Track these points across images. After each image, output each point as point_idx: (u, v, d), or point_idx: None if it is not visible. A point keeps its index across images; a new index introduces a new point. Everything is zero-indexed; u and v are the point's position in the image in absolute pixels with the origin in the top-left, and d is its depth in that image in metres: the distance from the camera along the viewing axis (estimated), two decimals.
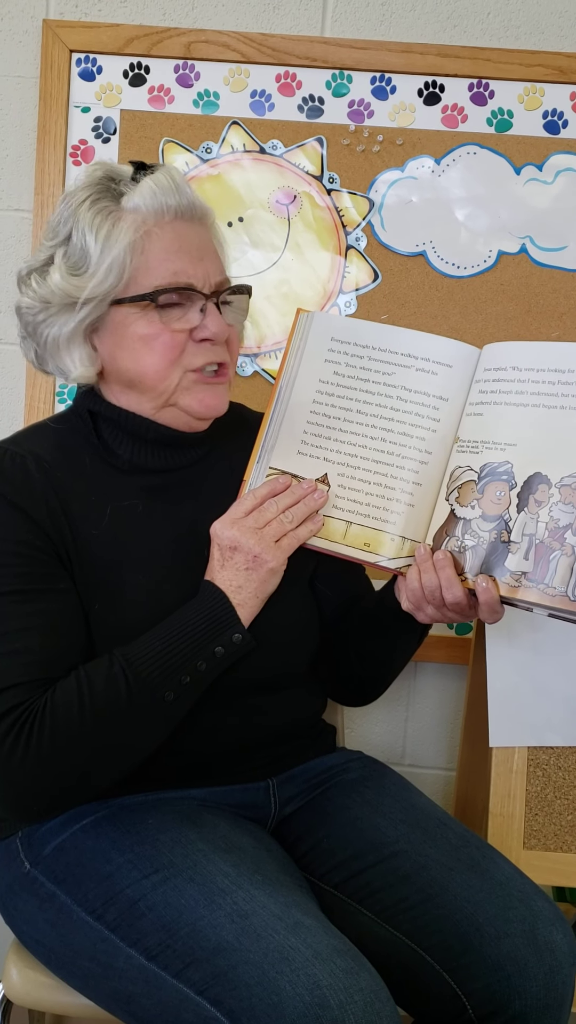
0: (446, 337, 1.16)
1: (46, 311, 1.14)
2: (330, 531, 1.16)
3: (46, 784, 1.04)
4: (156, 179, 1.12)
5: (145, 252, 1.11)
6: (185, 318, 1.13)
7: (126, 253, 1.10)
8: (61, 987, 1.13)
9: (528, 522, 1.06)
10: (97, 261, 1.10)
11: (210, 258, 1.16)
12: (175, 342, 1.13)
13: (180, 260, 1.12)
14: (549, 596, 1.03)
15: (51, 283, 1.12)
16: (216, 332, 1.13)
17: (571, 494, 1.04)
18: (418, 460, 1.14)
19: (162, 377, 1.13)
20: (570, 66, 1.62)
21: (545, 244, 1.65)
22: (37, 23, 1.66)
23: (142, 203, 1.11)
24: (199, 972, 0.95)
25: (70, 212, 1.13)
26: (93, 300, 1.11)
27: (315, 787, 1.25)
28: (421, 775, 1.80)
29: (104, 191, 1.13)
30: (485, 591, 1.07)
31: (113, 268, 1.10)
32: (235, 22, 1.66)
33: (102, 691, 1.03)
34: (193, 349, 1.14)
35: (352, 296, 1.67)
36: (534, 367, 1.10)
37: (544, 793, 1.43)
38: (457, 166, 1.65)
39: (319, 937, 0.95)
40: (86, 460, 1.17)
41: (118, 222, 1.11)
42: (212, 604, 1.10)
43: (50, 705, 1.02)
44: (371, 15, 1.65)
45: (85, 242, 1.11)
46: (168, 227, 1.12)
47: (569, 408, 1.07)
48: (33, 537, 1.08)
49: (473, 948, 1.05)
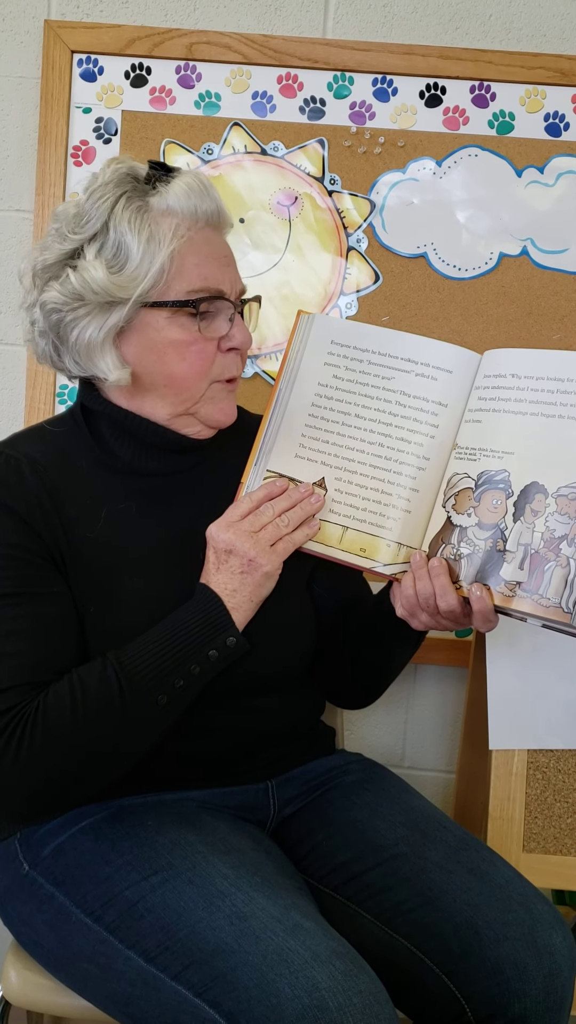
0: (446, 342, 1.15)
1: (77, 309, 1.10)
2: (326, 536, 1.16)
3: (38, 787, 1.03)
4: (187, 182, 1.11)
5: (183, 256, 1.10)
6: (214, 326, 1.13)
7: (168, 257, 1.09)
8: (60, 989, 1.13)
9: (524, 531, 1.06)
10: (140, 262, 1.08)
11: (234, 266, 1.16)
12: (208, 351, 1.13)
13: (211, 267, 1.12)
14: (543, 607, 1.03)
15: (90, 279, 1.08)
16: (243, 342, 1.14)
17: (567, 504, 1.04)
18: (416, 466, 1.14)
19: (190, 385, 1.13)
20: (571, 68, 1.62)
21: (546, 246, 1.65)
22: (39, 23, 1.66)
23: (176, 205, 1.10)
24: (198, 974, 0.95)
25: (105, 207, 1.09)
26: (128, 299, 1.08)
27: (314, 789, 1.25)
28: (421, 777, 1.79)
29: (134, 189, 1.11)
30: (479, 600, 1.06)
31: (153, 270, 1.08)
32: (237, 23, 1.66)
33: (95, 694, 1.03)
34: (221, 360, 1.14)
35: (353, 298, 1.67)
36: (534, 375, 1.09)
37: (544, 796, 1.42)
38: (458, 168, 1.65)
39: (318, 939, 0.95)
40: (82, 463, 1.16)
41: (158, 224, 1.09)
42: (206, 607, 1.10)
43: (43, 708, 1.02)
44: (373, 17, 1.65)
45: (124, 239, 1.08)
46: (200, 232, 1.12)
47: (568, 418, 1.06)
48: (27, 540, 1.08)
49: (472, 951, 1.05)
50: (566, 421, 1.06)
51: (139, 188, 1.12)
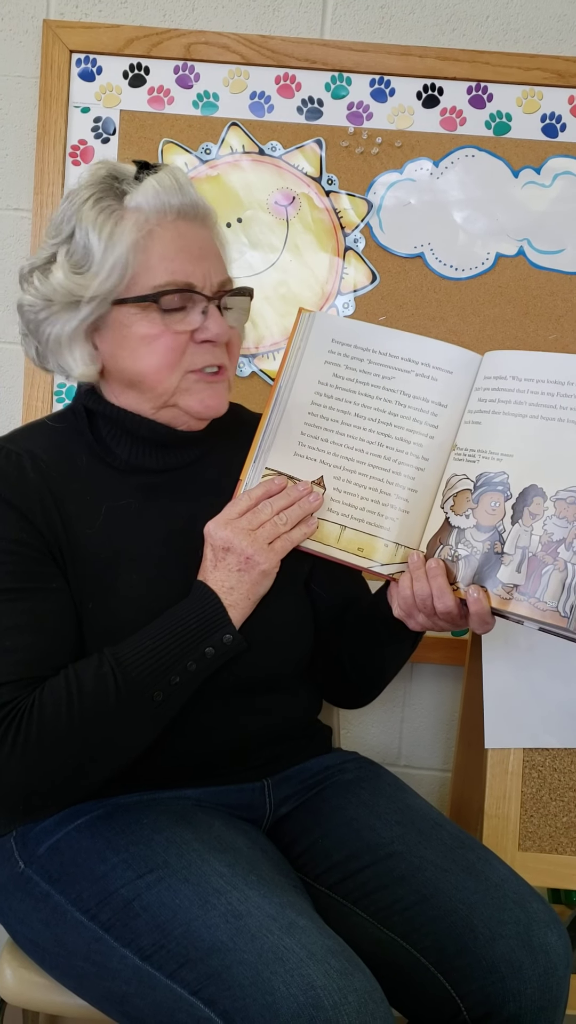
0: (446, 342, 1.15)
1: (48, 309, 1.14)
2: (324, 534, 1.16)
3: (34, 782, 1.04)
4: (159, 178, 1.12)
5: (147, 251, 1.11)
6: (187, 320, 1.12)
7: (129, 252, 1.10)
8: (55, 987, 1.12)
9: (522, 534, 1.05)
10: (100, 260, 1.10)
11: (211, 259, 1.15)
12: (176, 344, 1.12)
13: (181, 260, 1.12)
14: (540, 610, 1.03)
15: (54, 281, 1.12)
16: (217, 334, 1.13)
17: (566, 508, 1.04)
18: (415, 466, 1.14)
19: (162, 378, 1.13)
20: (568, 70, 1.62)
21: (543, 247, 1.65)
22: (37, 23, 1.66)
23: (144, 202, 1.11)
24: (193, 972, 0.95)
25: (73, 210, 1.12)
26: (96, 299, 1.11)
27: (310, 788, 1.25)
28: (417, 776, 1.80)
29: (107, 190, 1.12)
30: (476, 602, 1.06)
31: (116, 267, 1.10)
32: (235, 24, 1.66)
33: (91, 690, 1.03)
34: (194, 350, 1.14)
35: (350, 297, 1.67)
36: (534, 377, 1.09)
37: (539, 795, 1.43)
38: (455, 169, 1.65)
39: (313, 938, 0.95)
40: (82, 459, 1.17)
41: (121, 221, 1.10)
42: (203, 604, 1.10)
43: (38, 703, 1.02)
44: (370, 18, 1.66)
45: (88, 240, 1.11)
46: (170, 227, 1.12)
47: (568, 421, 1.06)
48: (26, 535, 1.08)
49: (468, 950, 1.05)
50: (566, 424, 1.06)
51: (115, 189, 1.12)
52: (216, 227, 1.20)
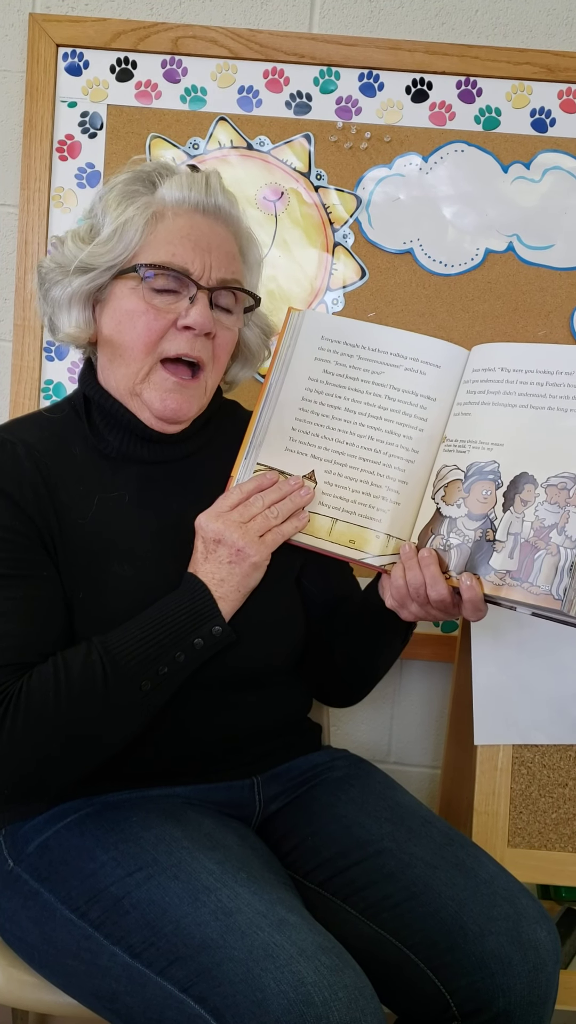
0: (435, 337, 1.16)
1: (57, 273, 1.17)
2: (316, 527, 1.16)
3: (20, 768, 1.03)
4: (191, 176, 1.15)
5: (155, 232, 1.13)
6: (175, 305, 1.13)
7: (133, 227, 1.12)
8: (44, 985, 1.12)
9: (514, 521, 1.06)
10: (107, 230, 1.13)
11: (220, 255, 1.15)
12: (156, 323, 1.13)
13: (183, 246, 1.13)
14: (533, 595, 1.03)
15: (65, 249, 1.17)
16: (198, 323, 1.13)
17: (557, 494, 1.05)
18: (405, 459, 1.14)
19: (136, 355, 1.14)
20: (558, 64, 1.62)
21: (532, 242, 1.65)
22: (23, 17, 1.65)
23: (168, 192, 1.14)
24: (183, 970, 0.95)
25: (104, 191, 1.17)
26: (96, 268, 1.14)
27: (300, 785, 1.25)
28: (406, 773, 1.80)
29: (143, 180, 1.16)
30: (469, 589, 1.07)
31: (121, 240, 1.12)
32: (223, 17, 1.66)
33: (78, 677, 1.03)
34: (173, 335, 1.14)
35: (339, 293, 1.67)
36: (522, 368, 1.10)
37: (529, 791, 1.43)
38: (445, 164, 1.65)
39: (303, 934, 0.95)
40: (77, 450, 1.17)
41: (137, 202, 1.14)
42: (193, 596, 1.10)
43: (26, 690, 1.02)
44: (359, 12, 1.65)
45: (103, 215, 1.15)
46: (185, 215, 1.14)
47: (556, 409, 1.07)
48: (19, 523, 1.09)
49: (457, 946, 1.05)
50: (555, 412, 1.07)
51: (150, 180, 1.16)
52: (243, 236, 1.21)
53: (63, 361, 1.68)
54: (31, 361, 1.67)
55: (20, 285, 1.66)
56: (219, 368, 1.20)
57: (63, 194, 1.66)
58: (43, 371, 1.68)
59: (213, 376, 1.19)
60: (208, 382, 1.19)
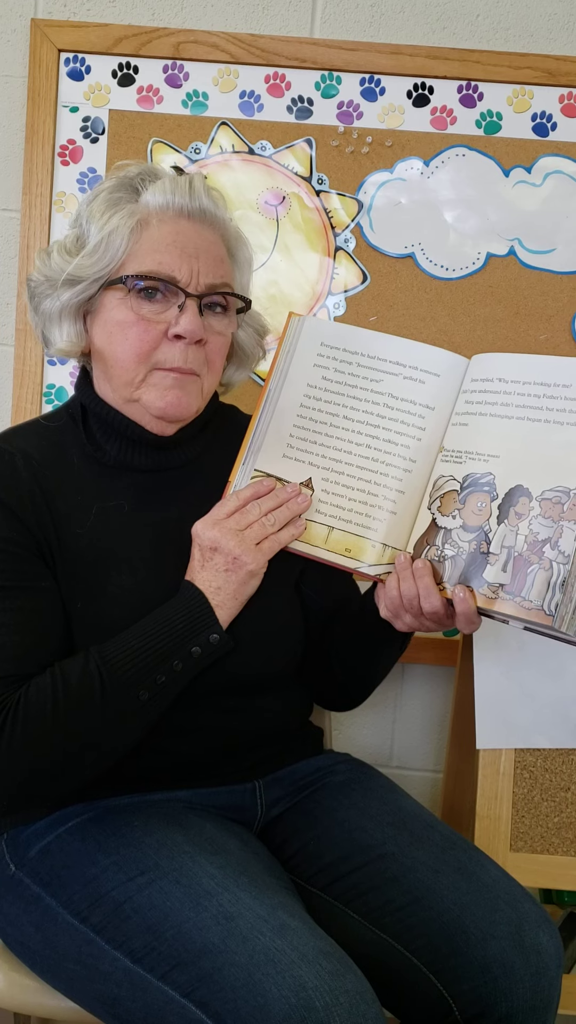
0: (434, 345, 1.16)
1: (46, 286, 1.16)
2: (312, 535, 1.16)
3: (19, 779, 1.03)
4: (174, 179, 1.14)
5: (140, 240, 1.12)
6: (164, 313, 1.12)
7: (121, 238, 1.11)
8: (46, 990, 1.12)
9: (508, 534, 1.06)
10: (92, 241, 1.13)
11: (207, 260, 1.14)
12: (147, 334, 1.13)
13: (169, 253, 1.12)
14: (525, 609, 1.03)
15: (51, 261, 1.15)
16: (188, 331, 1.12)
17: (551, 508, 1.04)
18: (402, 468, 1.14)
19: (128, 367, 1.14)
20: (559, 68, 1.62)
21: (533, 247, 1.65)
22: (25, 22, 1.66)
23: (151, 198, 1.13)
24: (184, 974, 0.95)
25: (88, 200, 1.16)
26: (85, 280, 1.13)
27: (302, 789, 1.25)
28: (408, 777, 1.79)
29: (126, 187, 1.15)
30: (462, 601, 1.06)
31: (107, 250, 1.12)
32: (224, 23, 1.66)
33: (76, 687, 1.03)
34: (166, 347, 1.13)
35: (341, 298, 1.67)
36: (520, 380, 1.10)
37: (531, 795, 1.43)
38: (446, 168, 1.65)
39: (305, 939, 0.95)
40: (75, 459, 1.17)
41: (122, 209, 1.13)
42: (190, 604, 1.10)
43: (24, 701, 1.02)
44: (360, 16, 1.65)
45: (88, 225, 1.14)
46: (169, 222, 1.13)
47: (553, 422, 1.07)
48: (16, 534, 1.08)
49: (460, 950, 1.05)
50: (551, 426, 1.07)
51: (134, 186, 1.15)
52: (231, 238, 1.20)
53: (65, 366, 1.68)
54: (33, 366, 1.68)
55: (22, 290, 1.67)
56: (215, 373, 1.19)
57: (65, 199, 1.66)
58: (45, 375, 1.68)
59: (209, 381, 1.19)
60: (204, 386, 1.18)
